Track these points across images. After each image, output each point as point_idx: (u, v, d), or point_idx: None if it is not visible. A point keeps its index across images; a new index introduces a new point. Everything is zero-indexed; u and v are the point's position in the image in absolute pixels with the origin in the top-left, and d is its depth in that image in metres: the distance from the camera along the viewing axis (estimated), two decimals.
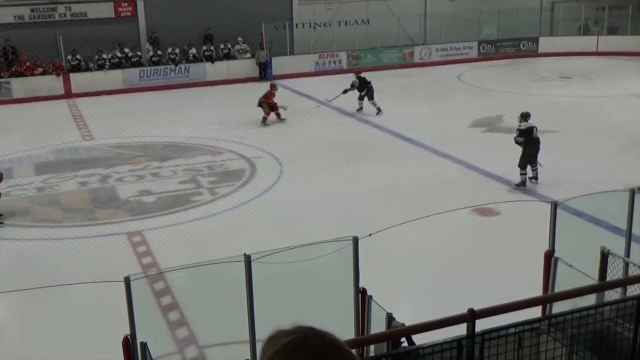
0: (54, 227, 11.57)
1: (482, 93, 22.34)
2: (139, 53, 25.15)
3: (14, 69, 23.36)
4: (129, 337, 5.77)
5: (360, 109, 19.52)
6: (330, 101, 19.97)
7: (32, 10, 24.04)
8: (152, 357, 5.66)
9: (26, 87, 22.87)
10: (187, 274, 8.90)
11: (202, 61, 25.51)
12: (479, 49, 29.47)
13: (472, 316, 3.86)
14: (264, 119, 18.34)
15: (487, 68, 27.53)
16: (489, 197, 11.56)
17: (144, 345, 5.66)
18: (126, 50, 24.81)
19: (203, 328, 8.06)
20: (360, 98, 19.41)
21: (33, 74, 23.26)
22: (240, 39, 26.04)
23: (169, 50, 25.14)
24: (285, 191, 12.79)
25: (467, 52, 29.33)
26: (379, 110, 19.03)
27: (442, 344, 3.92)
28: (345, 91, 19.42)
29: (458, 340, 3.95)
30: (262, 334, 4.26)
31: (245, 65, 25.91)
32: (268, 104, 18.39)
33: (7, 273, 9.51)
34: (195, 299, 8.53)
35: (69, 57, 23.87)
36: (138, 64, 24.93)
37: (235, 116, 19.36)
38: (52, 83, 23.26)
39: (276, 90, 18.81)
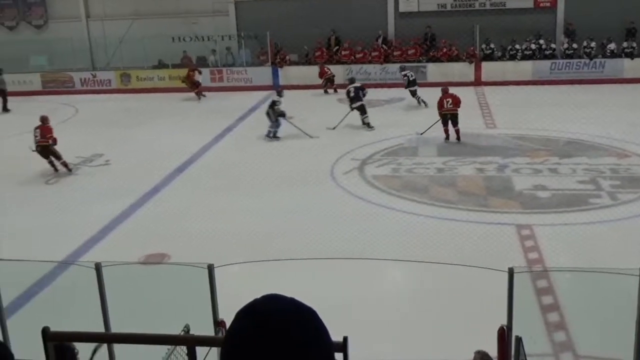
0: (448, 208, 12.06)
1: None
2: (552, 45, 24.62)
3: (431, 54, 24.92)
4: (505, 327, 5.75)
5: None
6: None
7: (455, 0, 25.24)
8: (526, 354, 5.53)
9: (441, 72, 24.17)
10: (574, 277, 8.49)
11: (620, 57, 23.88)
12: None
13: None
14: None
15: None
16: None
17: (519, 340, 5.57)
18: (541, 41, 24.49)
19: (583, 336, 7.62)
20: None
21: (448, 60, 24.54)
22: None
23: (585, 43, 24.07)
24: None
25: None
26: None
27: None
28: None
29: None
30: None
31: None
32: None
33: (402, 245, 10.20)
34: (579, 304, 8.10)
35: (483, 45, 24.52)
36: (551, 56, 24.44)
37: None
38: (464, 70, 24.21)
39: None
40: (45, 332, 3.65)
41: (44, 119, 15.06)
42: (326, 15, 25.38)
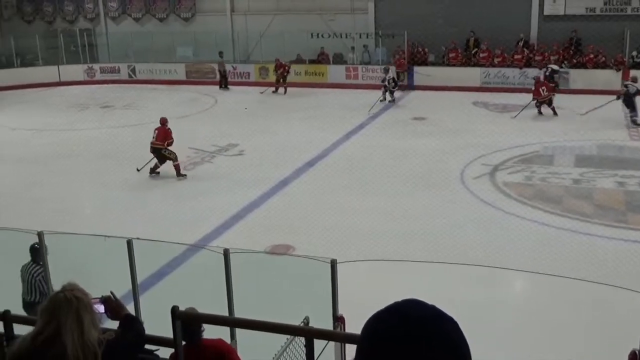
0: (583, 221, 11.51)
1: None
2: None
3: (575, 60, 23.81)
4: (637, 352, 5.43)
5: None
6: None
7: (605, 3, 23.93)
8: None
9: (584, 79, 23.06)
10: None
11: None
12: None
13: None
14: None
15: None
16: None
17: None
18: None
19: None
20: None
21: (594, 67, 23.35)
22: None
23: None
24: None
25: None
26: None
27: None
28: None
29: None
30: None
31: None
32: None
33: (532, 256, 9.85)
34: None
35: (634, 53, 23.13)
36: None
37: None
38: (610, 77, 22.94)
39: None
40: (174, 310, 3.81)
41: (163, 121, 14.74)
42: (466, 15, 24.87)
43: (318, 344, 4.57)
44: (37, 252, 7.35)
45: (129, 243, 6.44)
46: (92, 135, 18.60)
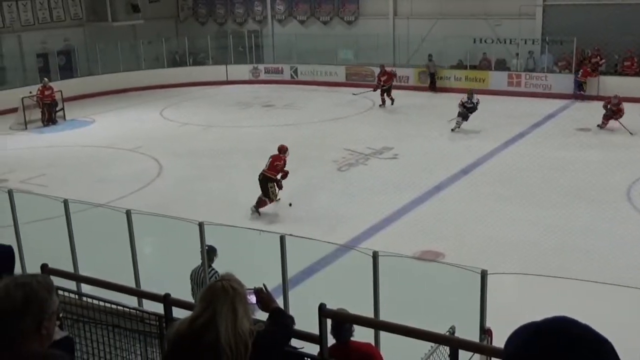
0: None
1: None
2: None
3: None
4: None
5: None
6: None
7: None
8: None
9: None
10: None
11: None
12: None
13: None
14: None
15: None
16: None
17: None
18: None
19: None
20: None
21: None
22: None
23: None
24: None
25: None
26: None
27: None
28: None
29: None
30: None
31: None
32: None
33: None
34: None
35: None
36: None
37: None
38: None
39: None
40: (321, 308, 3.89)
41: (282, 149, 12.83)
42: None
43: (463, 355, 4.49)
44: (210, 256, 7.50)
45: (282, 238, 6.65)
46: (254, 132, 19.41)
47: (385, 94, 22.79)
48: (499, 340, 6.50)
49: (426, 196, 13.29)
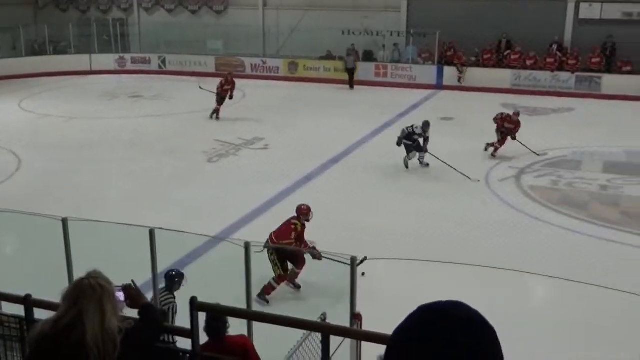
0: (609, 228, 11.38)
1: None
2: None
3: (609, 65, 23.50)
4: None
5: None
6: None
7: None
8: None
9: (616, 85, 22.76)
10: None
11: None
12: None
13: None
14: None
15: None
16: None
17: None
18: None
19: None
20: None
21: (627, 72, 23.04)
22: None
23: None
24: None
25: None
26: None
27: None
28: None
29: None
30: None
31: None
32: None
33: (555, 262, 9.77)
34: None
35: None
36: None
37: None
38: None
39: None
40: (192, 301, 3.86)
41: (303, 211, 9.40)
42: (499, 17, 24.63)
43: (335, 340, 4.60)
44: (173, 281, 7.00)
45: (151, 232, 6.51)
46: (121, 124, 18.82)
47: (222, 103, 19.41)
48: (369, 325, 6.70)
49: (297, 186, 13.43)
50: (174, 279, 7.02)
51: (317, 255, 8.66)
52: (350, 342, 5.50)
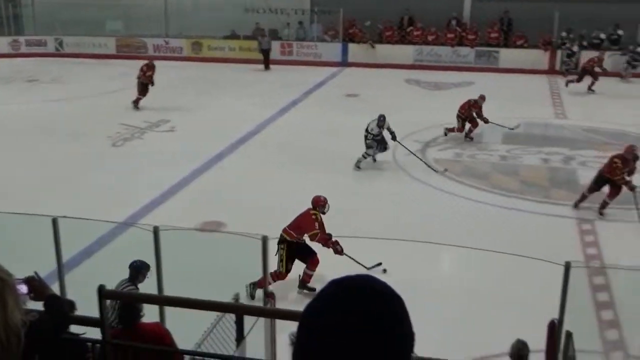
0: (508, 197, 11.87)
1: None
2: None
3: (506, 40, 24.35)
4: (555, 321, 5.69)
5: None
6: None
7: None
8: (575, 349, 5.44)
9: (512, 59, 23.61)
10: (632, 276, 8.27)
11: None
12: None
13: None
14: None
15: None
16: None
17: (569, 335, 5.49)
18: (620, 32, 23.58)
19: (636, 337, 7.44)
20: None
21: (522, 47, 23.94)
22: None
23: None
24: None
25: None
26: None
27: None
28: None
29: None
30: None
31: None
32: None
33: (460, 231, 10.11)
34: (636, 304, 7.90)
35: (563, 34, 23.72)
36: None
37: None
38: (537, 57, 23.56)
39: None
40: (100, 290, 3.79)
41: (319, 202, 8.88)
42: None
43: (248, 320, 4.62)
44: (137, 272, 6.66)
45: (54, 221, 6.32)
46: (18, 110, 18.03)
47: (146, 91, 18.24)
48: (281, 303, 6.77)
49: (205, 167, 13.30)
50: (138, 269, 6.71)
51: (339, 251, 8.60)
52: (264, 321, 5.54)
